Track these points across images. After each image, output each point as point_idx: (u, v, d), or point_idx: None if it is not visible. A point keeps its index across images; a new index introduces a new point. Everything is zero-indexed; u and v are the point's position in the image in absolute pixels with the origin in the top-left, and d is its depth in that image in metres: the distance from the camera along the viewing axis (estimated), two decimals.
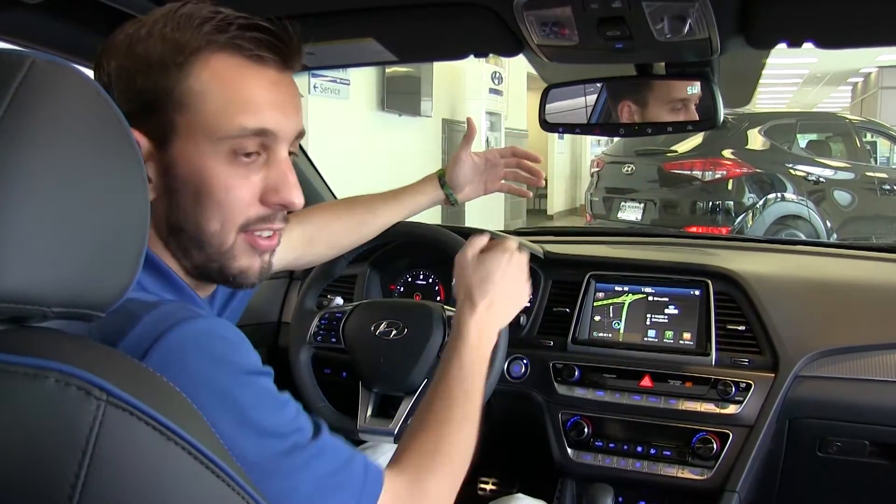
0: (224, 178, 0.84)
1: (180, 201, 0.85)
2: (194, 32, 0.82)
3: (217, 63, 0.83)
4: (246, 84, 0.84)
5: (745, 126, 6.70)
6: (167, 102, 0.82)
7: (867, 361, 1.55)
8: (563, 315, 1.78)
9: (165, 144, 0.83)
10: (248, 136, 0.84)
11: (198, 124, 0.82)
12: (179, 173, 0.84)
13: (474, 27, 1.19)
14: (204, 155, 0.83)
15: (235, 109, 0.83)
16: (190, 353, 0.72)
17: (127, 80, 0.82)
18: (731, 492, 1.51)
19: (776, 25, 1.07)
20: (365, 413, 1.54)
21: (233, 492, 0.55)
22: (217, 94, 0.82)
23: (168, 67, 0.81)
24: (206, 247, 0.87)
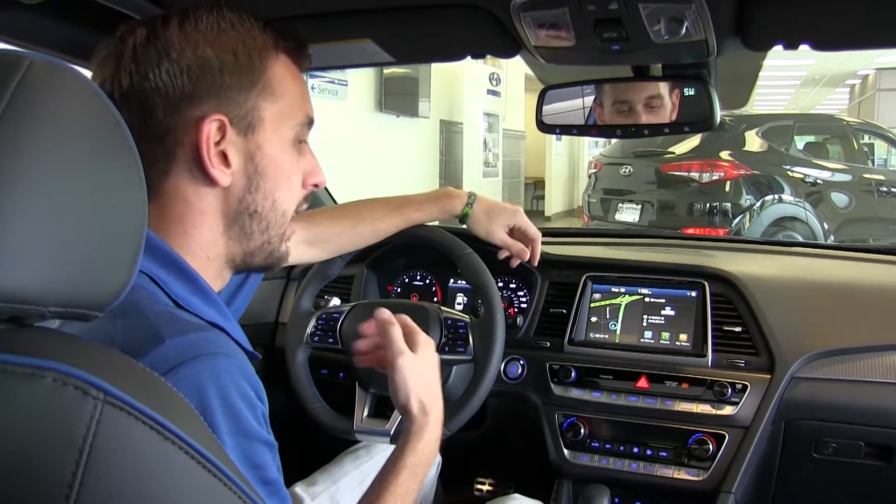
0: (293, 162, 0.95)
1: (261, 184, 0.91)
2: (265, 34, 0.91)
3: (285, 61, 0.93)
4: (300, 81, 0.95)
5: (742, 128, 6.71)
6: (252, 91, 0.89)
7: (863, 363, 1.55)
8: (559, 316, 1.78)
9: (252, 130, 0.89)
10: (307, 125, 0.96)
11: (280, 112, 0.91)
12: (264, 157, 0.91)
13: (471, 28, 1.19)
14: (283, 140, 0.93)
15: (303, 101, 0.95)
16: (204, 392, 0.72)
17: (210, 70, 0.86)
18: (727, 493, 1.51)
19: (772, 27, 1.07)
20: (361, 413, 1.54)
21: (230, 491, 0.55)
22: (292, 87, 0.93)
23: (252, 60, 0.88)
24: (272, 227, 0.94)
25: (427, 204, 1.57)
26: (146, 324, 0.75)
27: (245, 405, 0.76)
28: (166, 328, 0.75)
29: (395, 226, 1.55)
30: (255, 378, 0.80)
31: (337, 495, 1.46)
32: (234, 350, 0.79)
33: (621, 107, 1.36)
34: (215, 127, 0.86)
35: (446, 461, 1.72)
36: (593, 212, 7.45)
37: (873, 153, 7.78)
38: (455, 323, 1.54)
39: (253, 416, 0.77)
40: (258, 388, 0.80)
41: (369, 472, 1.52)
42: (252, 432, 0.77)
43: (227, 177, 0.88)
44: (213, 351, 0.75)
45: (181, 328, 0.76)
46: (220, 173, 0.87)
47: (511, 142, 11.28)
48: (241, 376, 0.77)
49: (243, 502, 0.56)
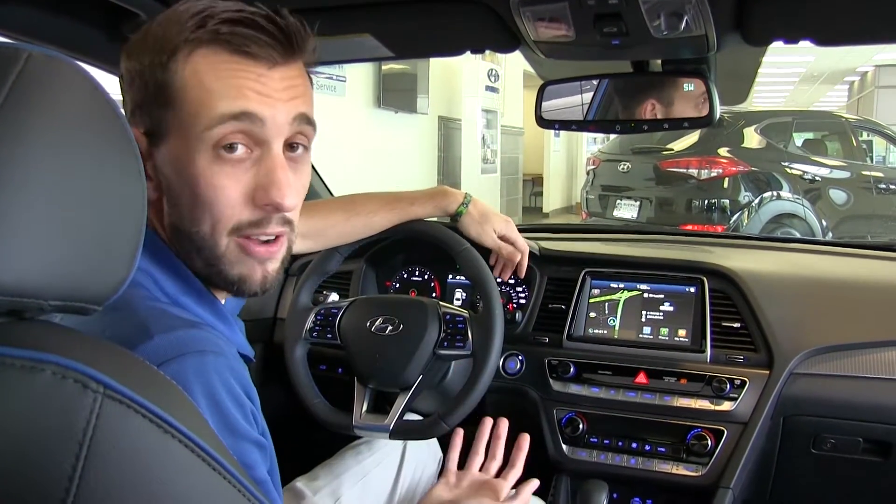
0: (210, 176, 0.82)
1: (175, 201, 0.85)
2: (178, 29, 0.81)
3: (199, 58, 0.81)
4: (227, 74, 0.81)
5: (741, 124, 6.71)
6: (157, 101, 0.82)
7: (862, 359, 1.55)
8: (558, 311, 1.78)
9: (158, 143, 0.83)
10: (229, 123, 0.81)
11: (182, 120, 0.81)
12: (170, 172, 0.84)
13: (471, 23, 1.19)
14: (191, 152, 0.81)
15: (215, 98, 0.81)
16: (190, 390, 0.72)
17: (130, 81, 0.84)
18: (725, 488, 1.51)
19: (772, 22, 1.07)
20: (360, 409, 1.54)
21: (229, 484, 0.55)
22: (198, 88, 0.81)
23: (155, 67, 0.81)
24: (202, 250, 0.85)
25: (422, 200, 1.55)
26: (136, 319, 0.75)
27: (233, 404, 0.76)
28: (155, 324, 0.74)
29: (389, 220, 1.54)
30: (245, 377, 0.79)
31: (339, 490, 1.46)
32: (223, 348, 0.78)
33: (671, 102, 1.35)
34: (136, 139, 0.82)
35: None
36: (591, 208, 7.45)
37: (872, 150, 7.77)
38: (454, 318, 1.54)
39: (241, 414, 0.77)
40: (248, 387, 0.80)
41: (371, 467, 1.53)
42: (240, 431, 0.76)
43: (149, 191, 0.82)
44: (201, 349, 0.75)
45: (170, 325, 0.75)
46: None
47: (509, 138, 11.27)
48: (230, 375, 0.76)
49: (243, 496, 0.56)
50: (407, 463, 1.56)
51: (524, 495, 1.17)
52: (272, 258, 0.89)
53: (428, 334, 1.51)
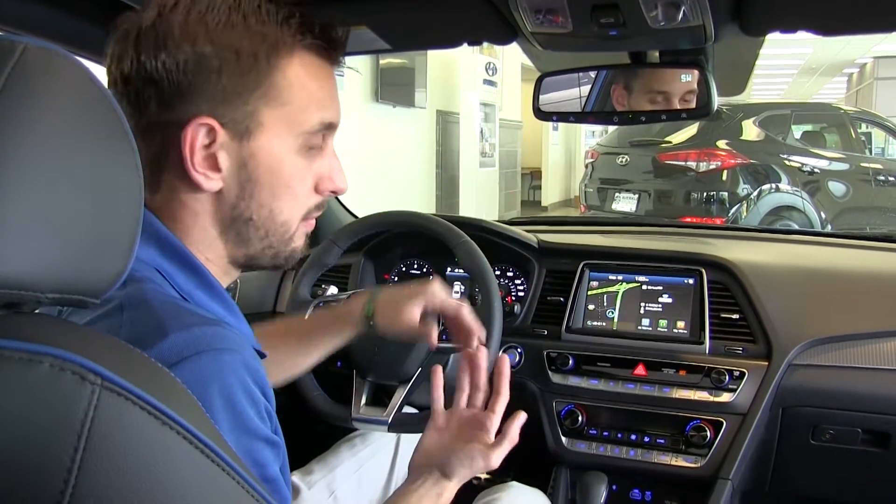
0: (297, 169, 0.88)
1: (255, 192, 0.86)
2: (282, 29, 0.83)
3: (303, 60, 0.85)
4: (322, 82, 0.88)
5: (739, 117, 6.71)
6: (253, 94, 0.83)
7: (860, 350, 1.56)
8: (557, 304, 1.79)
9: (248, 136, 0.84)
10: (322, 130, 0.89)
11: (284, 118, 0.85)
12: (259, 165, 0.85)
13: (468, 14, 1.18)
14: (285, 147, 0.86)
15: (316, 106, 0.87)
16: (207, 388, 0.72)
17: (207, 69, 0.80)
18: (724, 479, 1.52)
19: (770, 12, 1.07)
20: (359, 402, 1.54)
21: (228, 476, 0.55)
22: (303, 91, 0.85)
23: (258, 60, 0.82)
24: (272, 235, 0.90)
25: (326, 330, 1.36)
26: (152, 316, 0.74)
27: (248, 402, 0.76)
28: (172, 321, 0.74)
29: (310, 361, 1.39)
30: (260, 374, 0.79)
31: (333, 483, 1.46)
32: (240, 345, 0.78)
33: (655, 97, 1.34)
34: (204, 131, 0.81)
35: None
36: (590, 201, 7.44)
37: (871, 142, 7.78)
38: None
39: (255, 412, 0.77)
40: (263, 384, 0.79)
41: (366, 461, 1.53)
42: (253, 429, 0.76)
43: (213, 182, 0.83)
44: (218, 346, 0.74)
45: (187, 322, 0.75)
46: (204, 178, 0.83)
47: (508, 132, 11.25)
48: (246, 372, 0.76)
49: (243, 489, 0.56)
50: (401, 455, 1.57)
51: (511, 433, 1.14)
52: (310, 231, 0.97)
53: None
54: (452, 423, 1.18)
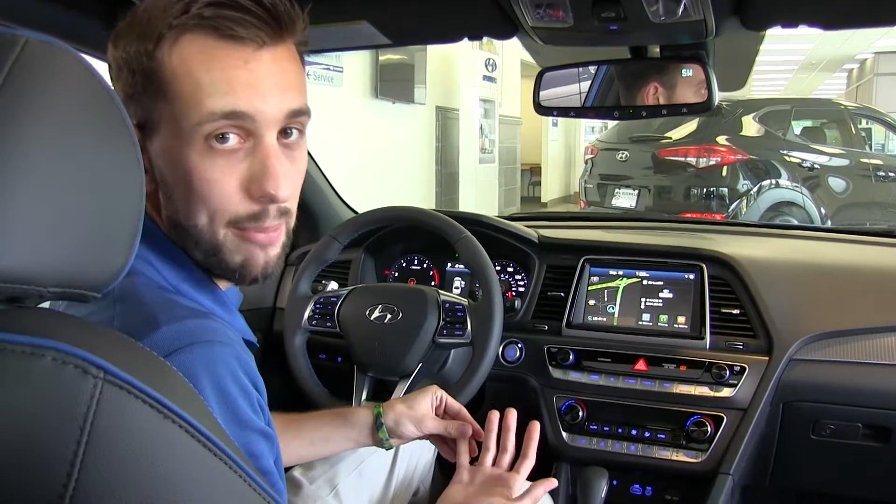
0: (204, 169, 0.79)
1: (171, 194, 0.83)
2: (162, 15, 0.77)
3: (186, 46, 0.78)
4: (214, 65, 0.78)
5: (739, 112, 6.71)
6: (146, 91, 0.79)
7: (861, 345, 1.56)
8: (557, 299, 1.79)
9: (151, 135, 0.81)
10: (220, 120, 0.78)
11: (173, 113, 0.78)
12: (164, 164, 0.81)
13: (469, 9, 1.18)
14: (182, 145, 0.79)
15: (204, 93, 0.77)
16: (198, 380, 0.71)
17: (118, 71, 0.81)
18: (725, 474, 1.52)
19: (771, 6, 1.07)
20: (360, 397, 1.54)
21: (230, 469, 0.55)
22: (186, 79, 0.78)
23: (142, 55, 0.78)
24: (201, 242, 0.84)
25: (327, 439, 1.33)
26: (143, 309, 0.74)
27: (240, 394, 0.76)
28: (163, 314, 0.74)
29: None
30: (251, 366, 0.79)
31: (335, 479, 1.46)
32: (231, 338, 0.78)
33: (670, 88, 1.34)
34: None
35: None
36: (590, 197, 7.44)
37: (871, 138, 7.77)
38: (453, 306, 1.54)
39: (248, 404, 0.77)
40: (254, 376, 0.79)
41: (366, 455, 1.53)
42: (246, 421, 0.76)
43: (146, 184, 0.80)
44: (209, 338, 0.74)
45: (177, 315, 0.75)
46: None
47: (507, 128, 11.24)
48: (237, 364, 0.76)
49: (244, 481, 0.56)
50: (403, 450, 1.57)
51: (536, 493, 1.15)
52: (273, 244, 0.87)
53: (427, 323, 1.52)
54: (477, 479, 1.19)
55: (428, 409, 1.29)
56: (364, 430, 1.29)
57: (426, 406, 1.29)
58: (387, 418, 1.27)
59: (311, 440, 1.29)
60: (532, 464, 1.19)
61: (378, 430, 1.27)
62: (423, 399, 1.29)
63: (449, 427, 1.27)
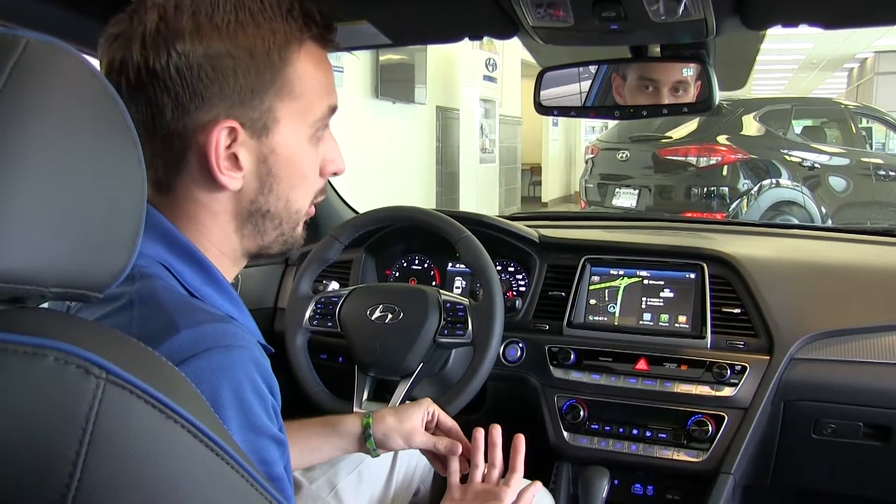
0: (311, 157, 0.91)
1: (274, 186, 0.88)
2: (288, 23, 0.84)
3: (309, 51, 0.86)
4: (326, 69, 0.90)
5: (740, 112, 6.71)
6: (268, 91, 0.83)
7: (862, 344, 1.56)
8: (558, 299, 1.79)
9: (266, 133, 0.85)
10: (329, 116, 0.91)
11: (298, 111, 0.86)
12: (279, 159, 0.87)
13: (469, 9, 1.18)
14: (300, 139, 0.88)
15: (326, 92, 0.89)
16: (217, 385, 0.72)
17: (223, 70, 0.80)
18: (726, 474, 1.52)
19: (771, 6, 1.07)
20: (361, 397, 1.54)
21: (232, 470, 0.55)
22: (312, 81, 0.87)
23: (271, 57, 0.82)
24: (285, 223, 0.92)
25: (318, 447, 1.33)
26: (162, 313, 0.74)
27: (256, 400, 0.76)
28: (182, 318, 0.74)
29: None
30: (268, 371, 0.79)
31: (335, 479, 1.46)
32: (249, 342, 0.78)
33: (643, 84, 1.34)
34: (226, 132, 0.81)
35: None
36: (590, 197, 7.43)
37: (871, 137, 7.77)
38: (454, 306, 1.54)
39: (263, 410, 0.77)
40: (271, 381, 0.79)
41: (366, 456, 1.53)
42: (261, 427, 0.76)
43: (237, 181, 0.84)
44: (228, 343, 0.74)
45: (197, 319, 0.75)
46: (229, 179, 0.83)
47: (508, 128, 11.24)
48: (255, 369, 0.76)
49: (247, 482, 0.56)
50: (402, 451, 1.57)
51: (525, 499, 1.18)
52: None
53: (428, 322, 1.52)
54: (468, 496, 1.22)
55: (418, 424, 1.30)
56: (353, 440, 1.30)
57: (416, 421, 1.30)
58: (375, 430, 1.29)
59: (301, 450, 1.29)
60: (520, 476, 1.22)
61: (366, 441, 1.29)
62: (415, 413, 1.30)
63: (438, 444, 1.29)
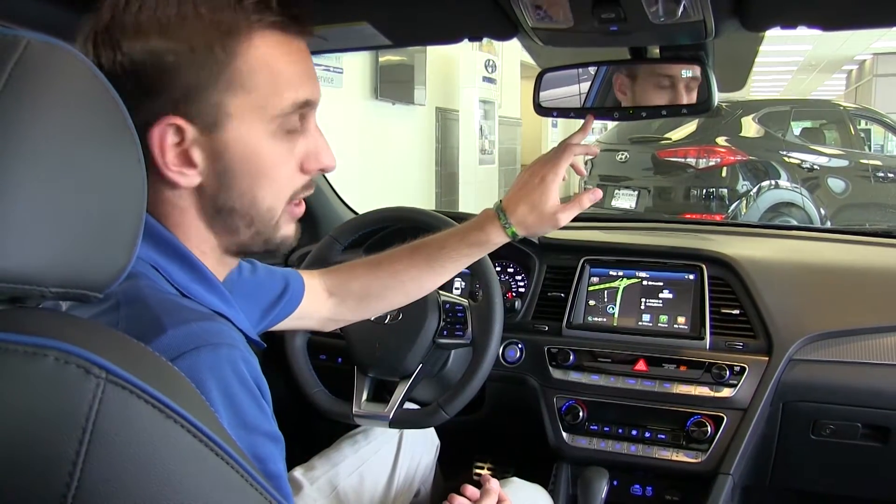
0: (276, 154, 0.85)
1: (234, 182, 0.84)
2: (236, 12, 0.79)
3: (266, 41, 0.81)
4: (286, 58, 0.83)
5: (739, 113, 6.70)
6: (215, 86, 0.80)
7: (860, 345, 1.56)
8: (557, 300, 1.79)
9: (216, 128, 0.81)
10: (297, 110, 0.85)
11: (250, 105, 0.81)
12: (234, 155, 0.83)
13: (469, 10, 1.18)
14: (257, 135, 0.83)
15: (286, 86, 0.83)
16: (205, 383, 0.71)
17: (164, 67, 0.78)
18: (725, 475, 1.52)
19: (771, 7, 1.07)
20: (360, 398, 1.54)
21: (233, 470, 0.55)
22: (268, 74, 0.82)
23: (214, 51, 0.78)
24: (257, 222, 0.88)
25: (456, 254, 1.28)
26: (149, 313, 0.74)
27: (246, 397, 0.75)
28: (168, 317, 0.73)
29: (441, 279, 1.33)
30: (257, 369, 0.78)
31: (336, 479, 1.47)
32: (237, 340, 0.78)
33: (662, 81, 1.33)
34: (172, 130, 0.79)
35: (445, 445, 1.73)
36: None
37: (870, 138, 7.76)
38: (453, 307, 1.54)
39: (255, 407, 0.76)
40: (259, 379, 0.79)
41: (368, 457, 1.53)
42: (253, 424, 0.76)
43: (190, 178, 0.82)
44: (216, 341, 0.74)
45: (183, 318, 0.74)
46: (180, 176, 0.81)
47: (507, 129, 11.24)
48: (244, 367, 0.76)
49: (247, 482, 0.56)
50: (403, 452, 1.57)
51: None
52: (299, 215, 0.94)
53: (427, 323, 1.52)
54: None
55: (554, 214, 1.22)
56: (489, 236, 1.23)
57: (553, 194, 1.22)
58: (510, 218, 1.22)
59: (437, 261, 1.28)
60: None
61: (506, 230, 1.22)
62: (550, 199, 1.22)
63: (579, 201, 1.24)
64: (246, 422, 0.75)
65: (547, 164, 1.24)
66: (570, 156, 1.24)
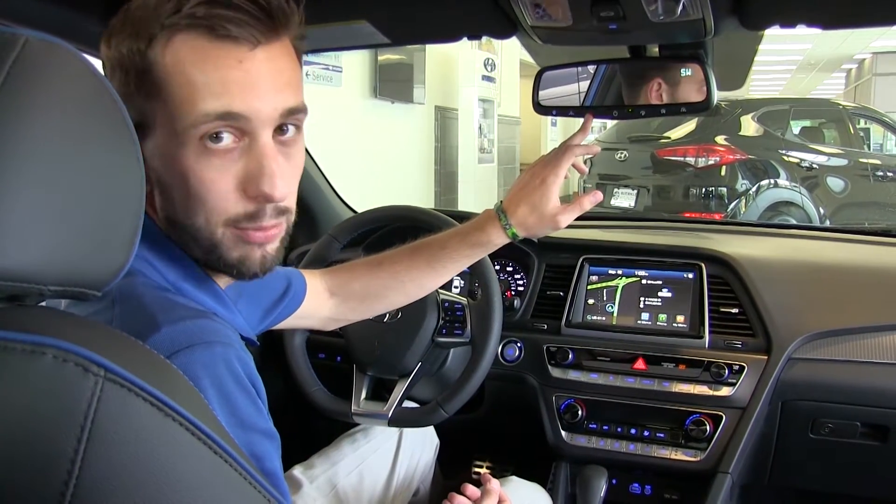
0: (200, 169, 0.78)
1: (167, 194, 0.81)
2: (153, 14, 0.75)
3: (179, 45, 0.76)
4: (207, 65, 0.76)
5: (738, 112, 6.70)
6: (140, 92, 0.77)
7: (859, 343, 1.56)
8: (556, 298, 1.79)
9: (145, 135, 0.78)
10: (215, 121, 0.76)
11: (167, 113, 0.76)
12: (159, 165, 0.79)
13: (468, 8, 1.18)
14: (177, 145, 0.77)
15: (199, 94, 0.76)
16: (199, 382, 0.71)
17: (111, 71, 0.79)
18: (724, 473, 1.52)
19: (769, 6, 1.07)
20: (359, 397, 1.54)
21: (231, 469, 0.55)
22: (179, 80, 0.76)
23: (134, 55, 0.76)
24: (199, 240, 0.82)
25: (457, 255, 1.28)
26: (143, 310, 0.74)
27: (241, 394, 0.75)
28: (163, 315, 0.73)
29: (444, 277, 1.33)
30: (251, 367, 0.78)
31: (335, 478, 1.47)
32: (232, 338, 0.77)
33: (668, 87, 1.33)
34: None
35: (444, 444, 1.73)
36: None
37: (869, 138, 7.77)
38: (452, 306, 1.54)
39: (251, 404, 0.76)
40: (254, 377, 0.78)
41: (367, 455, 1.53)
42: (248, 422, 0.76)
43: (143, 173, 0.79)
44: (210, 339, 0.74)
45: (178, 315, 0.74)
46: None
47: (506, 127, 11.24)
48: (238, 365, 0.75)
49: (246, 480, 0.56)
50: (403, 450, 1.57)
51: None
52: (270, 241, 0.85)
53: (427, 322, 1.52)
54: None
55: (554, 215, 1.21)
56: (489, 237, 1.23)
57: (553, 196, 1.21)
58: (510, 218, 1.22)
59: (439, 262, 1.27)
60: None
61: (506, 231, 1.22)
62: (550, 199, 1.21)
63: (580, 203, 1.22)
64: (242, 420, 0.75)
65: (547, 165, 1.23)
66: (571, 157, 1.23)
